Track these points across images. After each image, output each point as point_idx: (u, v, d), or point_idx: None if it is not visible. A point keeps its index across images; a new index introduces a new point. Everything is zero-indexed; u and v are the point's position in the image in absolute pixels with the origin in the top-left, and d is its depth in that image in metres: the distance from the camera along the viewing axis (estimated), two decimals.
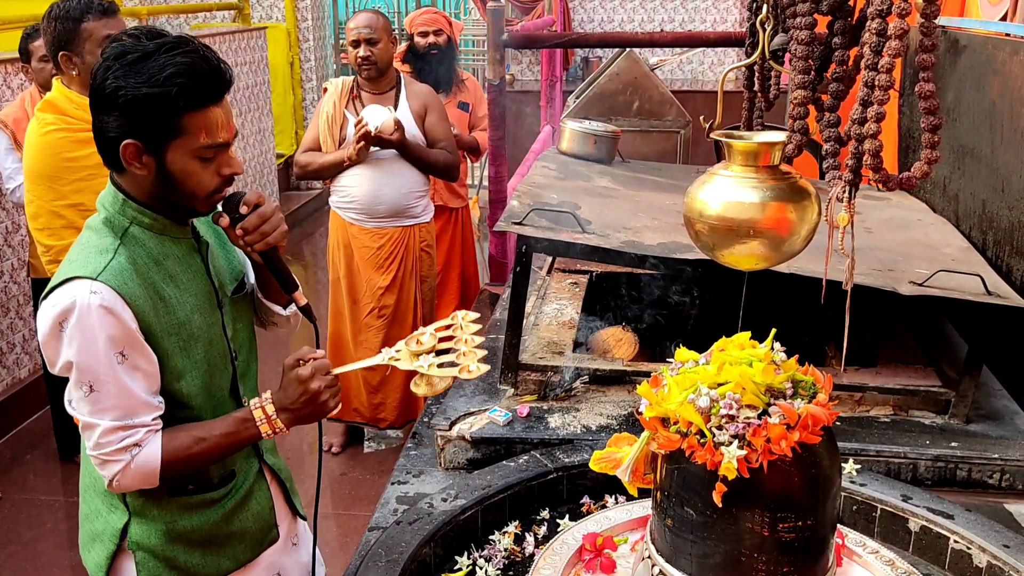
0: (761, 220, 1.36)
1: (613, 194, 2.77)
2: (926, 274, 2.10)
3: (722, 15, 9.11)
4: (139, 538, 1.66)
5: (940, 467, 2.01)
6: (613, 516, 1.74)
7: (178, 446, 1.56)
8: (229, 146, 1.55)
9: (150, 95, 1.43)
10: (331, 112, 3.74)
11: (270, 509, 1.82)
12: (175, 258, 1.60)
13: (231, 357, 1.71)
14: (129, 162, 1.50)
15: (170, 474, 1.58)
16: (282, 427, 1.61)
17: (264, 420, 1.60)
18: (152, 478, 1.57)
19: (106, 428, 1.51)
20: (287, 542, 1.89)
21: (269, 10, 9.08)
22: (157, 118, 1.46)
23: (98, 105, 1.51)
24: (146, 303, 1.53)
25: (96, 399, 1.51)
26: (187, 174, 1.51)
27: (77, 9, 2.49)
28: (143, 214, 1.56)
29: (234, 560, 1.76)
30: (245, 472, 1.77)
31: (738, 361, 1.36)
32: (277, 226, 1.61)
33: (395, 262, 3.80)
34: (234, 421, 1.61)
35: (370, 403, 3.97)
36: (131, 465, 1.53)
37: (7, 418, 4.31)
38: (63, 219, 2.49)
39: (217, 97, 1.50)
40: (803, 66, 1.24)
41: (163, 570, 1.68)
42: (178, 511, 1.68)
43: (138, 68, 1.44)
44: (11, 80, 4.35)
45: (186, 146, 1.49)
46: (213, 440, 1.59)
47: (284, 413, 1.60)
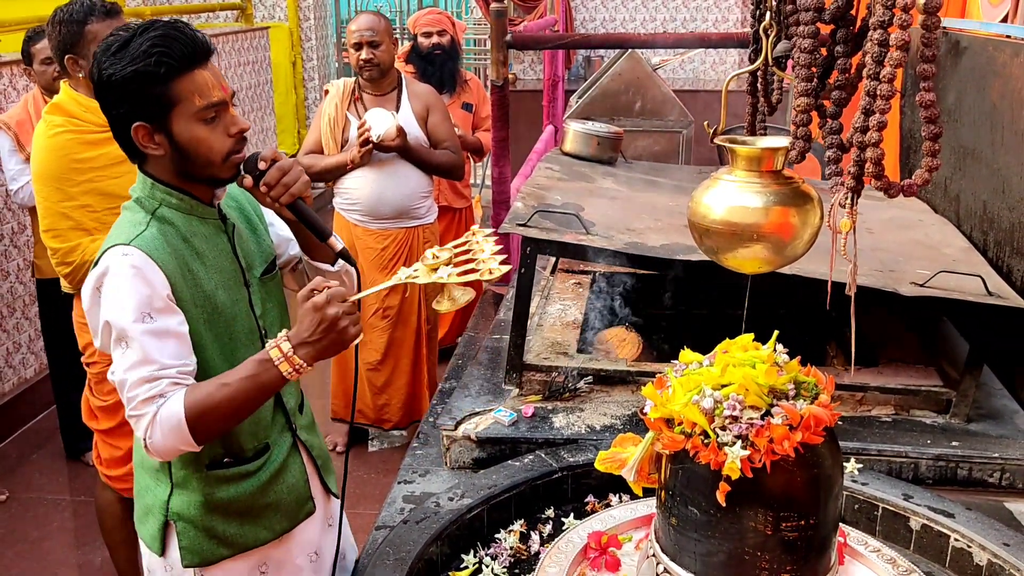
0: (764, 224, 1.38)
1: (616, 195, 2.79)
2: (927, 275, 2.12)
3: (723, 14, 9.12)
4: (179, 509, 1.73)
5: (941, 466, 2.02)
6: (618, 515, 1.76)
7: (200, 394, 1.54)
8: (227, 104, 1.61)
9: (136, 72, 1.52)
10: (333, 114, 3.75)
11: (304, 482, 1.86)
12: (202, 236, 1.67)
13: (260, 335, 1.75)
14: (144, 145, 1.59)
15: (199, 426, 1.54)
16: (302, 363, 1.54)
17: (282, 358, 1.53)
18: (182, 432, 1.53)
19: (134, 381, 1.54)
20: (324, 522, 1.92)
21: (272, 10, 9.09)
22: (149, 92, 1.54)
23: (102, 99, 1.60)
24: (175, 270, 1.60)
25: (129, 356, 1.55)
26: (197, 140, 1.58)
27: (81, 12, 2.51)
28: (170, 195, 1.64)
29: (271, 530, 1.80)
30: (279, 446, 1.81)
31: (741, 363, 1.38)
32: (298, 177, 1.66)
33: (399, 263, 3.82)
34: (253, 364, 1.56)
35: (375, 404, 3.99)
36: (157, 417, 1.52)
37: (14, 418, 4.34)
38: (71, 220, 2.50)
39: (198, 61, 1.57)
40: (806, 73, 1.26)
41: (202, 539, 1.74)
42: (216, 483, 1.73)
43: (121, 54, 1.54)
44: (16, 82, 4.37)
45: (186, 113, 1.56)
46: (235, 384, 1.54)
47: (303, 348, 1.54)
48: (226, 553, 1.76)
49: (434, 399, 2.49)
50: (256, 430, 1.76)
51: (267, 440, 1.79)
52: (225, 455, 1.73)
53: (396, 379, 3.95)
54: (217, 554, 1.75)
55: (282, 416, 1.82)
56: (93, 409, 2.76)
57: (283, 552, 1.85)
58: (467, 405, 2.24)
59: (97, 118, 2.54)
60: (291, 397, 1.85)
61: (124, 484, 2.79)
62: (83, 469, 3.99)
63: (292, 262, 1.90)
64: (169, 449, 1.56)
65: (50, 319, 3.89)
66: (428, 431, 2.27)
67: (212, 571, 1.77)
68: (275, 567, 1.84)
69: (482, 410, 2.21)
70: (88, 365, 2.73)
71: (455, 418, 2.17)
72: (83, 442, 3.93)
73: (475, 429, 2.12)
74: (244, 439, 1.74)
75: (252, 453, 1.76)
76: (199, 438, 1.55)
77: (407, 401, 3.99)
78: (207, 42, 1.60)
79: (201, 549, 1.74)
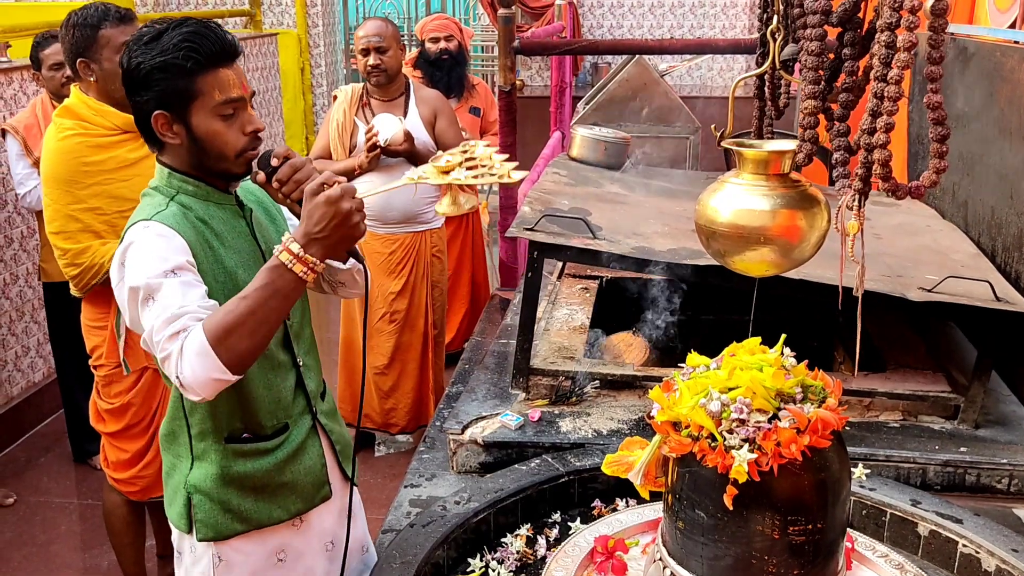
0: (772, 227, 1.38)
1: (623, 200, 2.79)
2: (935, 280, 2.11)
3: (731, 21, 9.13)
4: (196, 481, 1.77)
5: (949, 472, 2.02)
6: (624, 519, 1.76)
7: (219, 315, 1.52)
8: (246, 103, 1.68)
9: (164, 63, 1.60)
10: (341, 120, 3.76)
11: (322, 467, 1.87)
12: (220, 219, 1.73)
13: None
14: (163, 133, 1.66)
15: (224, 346, 1.50)
16: (315, 261, 1.52)
17: (293, 260, 1.50)
18: (209, 356, 1.49)
19: (159, 325, 1.54)
20: (342, 512, 1.93)
21: (280, 16, 9.14)
22: (174, 83, 1.61)
23: (129, 87, 1.66)
24: (196, 243, 1.66)
25: (155, 309, 1.55)
26: (214, 133, 1.65)
27: (95, 16, 2.53)
28: (187, 182, 1.70)
29: (285, 510, 1.83)
30: (299, 427, 1.84)
31: (748, 366, 1.38)
32: (309, 174, 1.68)
33: (407, 267, 3.82)
34: (265, 272, 1.53)
35: (382, 408, 3.99)
36: (183, 349, 1.51)
37: (22, 421, 4.35)
38: (80, 223, 2.52)
39: (224, 60, 1.64)
40: (813, 76, 1.26)
41: (217, 512, 1.77)
42: (233, 456, 1.76)
43: (152, 45, 1.61)
44: (27, 87, 4.39)
45: (205, 106, 1.63)
46: (252, 296, 1.51)
47: (313, 245, 1.51)
48: (240, 528, 1.79)
49: (441, 403, 2.49)
50: (276, 409, 1.79)
51: (287, 420, 1.82)
52: (244, 430, 1.77)
53: (403, 383, 3.95)
54: (231, 529, 1.78)
55: (303, 398, 1.85)
56: (100, 412, 2.76)
57: (301, 541, 1.87)
58: (474, 409, 2.24)
59: (107, 121, 2.56)
60: (311, 380, 1.88)
61: (131, 487, 2.80)
62: (90, 473, 4.00)
63: None
64: (202, 380, 1.51)
65: (57, 323, 3.90)
66: (435, 435, 2.28)
67: (229, 552, 1.80)
68: (293, 555, 1.86)
69: (489, 414, 2.21)
70: (95, 368, 2.74)
71: (462, 422, 2.17)
72: (90, 445, 3.94)
73: (482, 433, 2.12)
74: (264, 417, 1.77)
75: (271, 431, 1.80)
76: (227, 359, 1.50)
77: (414, 405, 3.99)
78: (235, 43, 1.68)
79: (216, 522, 1.77)
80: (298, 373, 1.84)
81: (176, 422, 1.79)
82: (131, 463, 2.76)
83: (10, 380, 4.35)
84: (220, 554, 1.79)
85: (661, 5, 9.36)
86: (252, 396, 1.75)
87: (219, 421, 1.75)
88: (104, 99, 2.56)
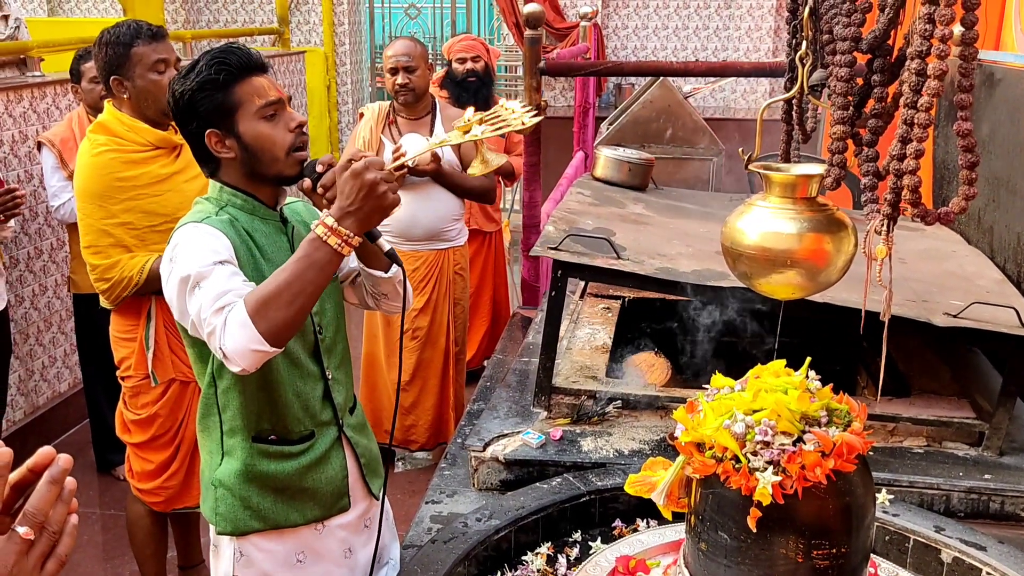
0: (798, 250, 1.38)
1: (647, 221, 2.80)
2: (961, 306, 2.10)
3: (755, 44, 9.14)
4: (222, 476, 1.83)
5: (973, 499, 2.00)
6: (645, 539, 1.76)
7: (259, 288, 1.60)
8: (284, 104, 1.79)
9: (201, 83, 1.73)
10: (368, 137, 3.80)
11: (343, 478, 1.92)
12: (262, 233, 1.81)
13: (314, 329, 1.85)
14: (217, 150, 1.77)
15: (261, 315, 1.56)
16: (349, 233, 1.59)
17: (328, 232, 1.58)
18: (248, 327, 1.56)
19: (207, 303, 1.62)
20: (360, 522, 1.96)
21: (308, 35, 9.26)
22: (214, 98, 1.73)
23: (179, 120, 1.79)
24: (240, 249, 1.74)
25: (203, 295, 1.63)
26: (262, 136, 1.75)
27: (127, 35, 2.58)
28: (236, 196, 1.80)
29: (302, 515, 1.87)
30: (324, 437, 1.89)
31: (773, 388, 1.38)
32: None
33: (429, 284, 3.85)
34: (303, 244, 1.61)
35: (402, 424, 4.00)
36: (224, 322, 1.59)
37: (47, 431, 4.40)
38: (111, 237, 2.56)
39: (253, 70, 1.76)
40: (842, 102, 1.27)
41: (238, 508, 1.83)
42: (258, 455, 1.83)
43: (188, 75, 1.75)
44: (60, 101, 4.47)
45: (248, 112, 1.74)
46: (289, 268, 1.59)
47: (346, 218, 1.59)
48: (257, 526, 1.84)
49: (463, 420, 2.50)
50: (304, 416, 1.84)
51: (313, 428, 1.87)
52: (272, 432, 1.83)
53: (424, 400, 3.96)
54: (248, 526, 1.84)
55: (330, 410, 1.90)
56: (127, 423, 2.80)
57: (321, 544, 1.91)
58: (496, 427, 2.25)
59: (139, 138, 2.61)
60: (340, 394, 1.92)
61: (155, 498, 2.83)
62: (113, 483, 4.03)
63: (351, 275, 2.00)
64: (242, 350, 1.57)
65: (85, 334, 3.95)
66: (456, 452, 2.28)
67: (250, 548, 1.85)
68: (313, 557, 1.91)
69: (510, 432, 2.22)
70: (123, 379, 2.77)
71: (483, 439, 2.18)
72: (114, 456, 3.97)
73: (503, 451, 2.13)
74: (291, 421, 1.83)
75: (297, 436, 1.85)
76: (265, 329, 1.56)
77: (434, 422, 4.00)
78: (260, 56, 1.79)
79: (235, 517, 1.83)
80: (326, 385, 1.88)
81: (211, 418, 1.86)
82: (156, 474, 2.79)
83: (36, 390, 4.41)
84: (241, 549, 1.85)
85: (685, 28, 9.40)
86: (282, 400, 1.81)
87: (249, 419, 1.81)
88: (137, 115, 2.61)
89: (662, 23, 9.41)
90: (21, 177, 4.17)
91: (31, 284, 4.32)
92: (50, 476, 0.87)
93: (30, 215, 4.26)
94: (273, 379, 1.79)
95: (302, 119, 1.80)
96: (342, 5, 9.14)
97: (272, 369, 1.77)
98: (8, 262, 4.10)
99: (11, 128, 4.15)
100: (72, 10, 9.71)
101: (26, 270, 4.28)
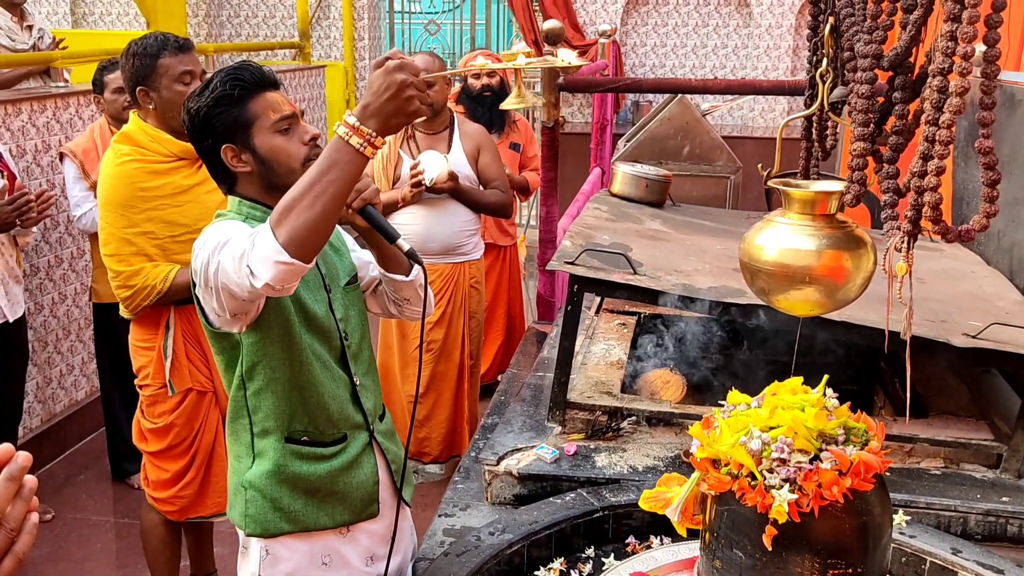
0: (817, 267, 1.38)
1: (664, 237, 2.80)
2: (979, 326, 2.09)
3: (774, 63, 9.15)
4: (252, 477, 1.84)
5: (991, 522, 1.98)
6: (659, 556, 1.75)
7: (283, 197, 1.56)
8: (298, 118, 1.81)
9: (216, 99, 1.76)
10: (386, 152, 3.82)
11: (374, 484, 1.92)
12: None
13: (340, 335, 1.87)
14: (233, 165, 1.78)
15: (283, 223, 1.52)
16: (371, 132, 1.52)
17: (350, 132, 1.52)
18: (269, 238, 1.53)
19: (238, 243, 1.60)
20: (387, 530, 1.95)
21: (328, 49, 9.33)
22: (229, 113, 1.75)
23: (195, 137, 1.81)
24: None
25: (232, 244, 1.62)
26: (277, 149, 1.77)
27: (154, 46, 2.61)
28: (256, 208, 1.81)
29: (331, 518, 1.88)
30: (356, 441, 1.90)
31: (790, 406, 1.38)
32: (368, 185, 1.79)
33: (444, 298, 3.85)
34: (326, 149, 1.56)
35: (415, 437, 4.00)
36: (255, 242, 1.55)
37: (63, 438, 4.42)
38: (133, 246, 2.58)
39: (266, 85, 1.79)
40: (863, 119, 1.27)
41: (268, 510, 1.84)
42: (290, 456, 1.83)
43: (204, 92, 1.78)
44: (83, 111, 4.52)
45: (263, 127, 1.76)
46: (312, 171, 1.54)
47: (369, 118, 1.53)
48: (287, 528, 1.85)
49: (477, 434, 2.50)
50: (338, 418, 1.85)
51: (345, 431, 1.88)
52: (304, 433, 1.84)
53: (437, 413, 3.96)
54: (278, 527, 1.84)
55: (360, 415, 1.91)
56: (143, 431, 2.81)
57: (347, 549, 1.91)
58: (509, 441, 2.25)
59: (163, 148, 2.63)
60: (369, 400, 1.93)
61: (170, 507, 2.83)
62: (128, 491, 4.05)
63: (373, 284, 2.01)
64: (265, 261, 1.53)
65: (104, 343, 3.98)
66: (470, 465, 2.28)
67: (277, 547, 1.86)
68: (339, 562, 1.91)
69: (524, 446, 2.22)
70: (141, 388, 2.79)
71: (497, 453, 2.18)
72: (129, 464, 3.99)
73: (517, 465, 2.13)
74: (324, 423, 1.84)
75: (330, 439, 1.86)
76: (285, 238, 1.51)
77: (447, 435, 4.00)
78: (272, 73, 1.82)
79: (265, 519, 1.83)
80: (354, 390, 1.90)
81: (240, 421, 1.86)
82: (171, 483, 2.80)
83: (54, 398, 4.44)
84: (268, 547, 1.86)
85: (704, 46, 9.42)
86: (315, 401, 1.83)
87: (282, 420, 1.82)
88: (162, 126, 2.64)
89: (681, 41, 9.44)
90: (43, 186, 4.21)
91: (51, 292, 4.36)
92: (8, 473, 0.86)
93: (51, 224, 4.30)
94: (307, 380, 1.81)
95: (316, 132, 1.81)
96: (362, 20, 9.22)
97: (304, 370, 1.79)
98: (28, 270, 4.14)
99: (34, 138, 4.20)
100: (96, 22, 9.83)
101: (46, 278, 4.32)
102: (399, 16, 9.74)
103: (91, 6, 9.80)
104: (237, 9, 9.56)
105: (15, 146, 4.05)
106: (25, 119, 4.15)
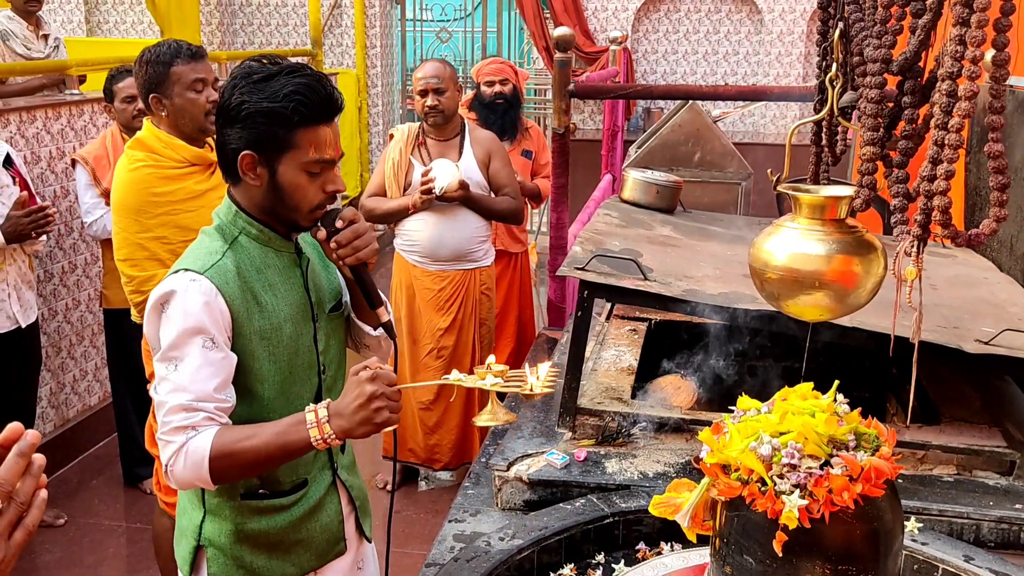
0: (827, 272, 1.38)
1: (675, 243, 2.79)
2: (992, 332, 2.08)
3: (784, 70, 9.14)
4: (210, 535, 1.76)
5: (1004, 529, 1.97)
6: (669, 563, 1.74)
7: (229, 438, 1.56)
8: (334, 164, 1.68)
9: (270, 109, 1.58)
10: (397, 158, 3.84)
11: (339, 523, 1.86)
12: (276, 268, 1.72)
13: (318, 370, 1.78)
14: (245, 172, 1.65)
15: (220, 469, 1.56)
16: (331, 434, 1.54)
17: (315, 424, 1.54)
18: (202, 470, 1.55)
19: (173, 406, 1.57)
20: (353, 565, 1.92)
21: (341, 56, 9.36)
22: (273, 131, 1.60)
23: (223, 119, 1.65)
24: (241, 305, 1.64)
25: (177, 378, 1.58)
26: (295, 186, 1.64)
27: (167, 54, 2.64)
28: (251, 225, 1.70)
29: (298, 567, 1.82)
30: (318, 483, 1.82)
31: (800, 411, 1.37)
32: (369, 243, 1.70)
33: (455, 304, 3.86)
34: (287, 422, 1.58)
35: (426, 444, 4.01)
36: (185, 448, 1.55)
37: (76, 444, 4.44)
38: (146, 251, 2.60)
39: (328, 117, 1.64)
40: (872, 123, 1.27)
41: (231, 568, 1.76)
42: (248, 513, 1.75)
43: (261, 86, 1.59)
44: (96, 118, 4.56)
45: (296, 159, 1.62)
46: (263, 437, 1.56)
47: (337, 418, 1.54)
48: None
49: (487, 439, 2.50)
50: (296, 465, 1.76)
51: (306, 476, 1.80)
52: (261, 486, 1.75)
53: (448, 419, 3.97)
54: None
55: (325, 453, 1.82)
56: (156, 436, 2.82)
57: None
58: (519, 447, 2.25)
59: (176, 154, 2.65)
60: None
61: None
62: (140, 496, 4.06)
63: (347, 310, 1.92)
64: (186, 481, 1.59)
65: (116, 349, 4.00)
66: (480, 471, 2.28)
67: None
68: None
69: (534, 452, 2.21)
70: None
71: (507, 459, 2.18)
72: (141, 470, 4.01)
73: (527, 471, 2.13)
74: (282, 472, 1.75)
75: (289, 487, 1.78)
76: (216, 478, 1.58)
77: (458, 442, 4.00)
78: (341, 102, 1.66)
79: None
80: None
81: None
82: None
83: (67, 403, 4.46)
84: None
85: (715, 53, 9.41)
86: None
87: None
88: (174, 133, 2.66)
89: (692, 48, 9.44)
90: (57, 193, 4.25)
91: (64, 298, 4.39)
92: (18, 449, 0.91)
93: (65, 230, 4.33)
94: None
95: (341, 187, 1.69)
96: (374, 28, 9.25)
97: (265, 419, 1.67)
98: (42, 276, 4.17)
99: (48, 144, 4.24)
100: (111, 31, 9.90)
101: (60, 284, 4.35)
102: (411, 24, 9.78)
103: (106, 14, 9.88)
104: (250, 17, 9.61)
105: (29, 152, 4.09)
106: (40, 126, 4.18)
